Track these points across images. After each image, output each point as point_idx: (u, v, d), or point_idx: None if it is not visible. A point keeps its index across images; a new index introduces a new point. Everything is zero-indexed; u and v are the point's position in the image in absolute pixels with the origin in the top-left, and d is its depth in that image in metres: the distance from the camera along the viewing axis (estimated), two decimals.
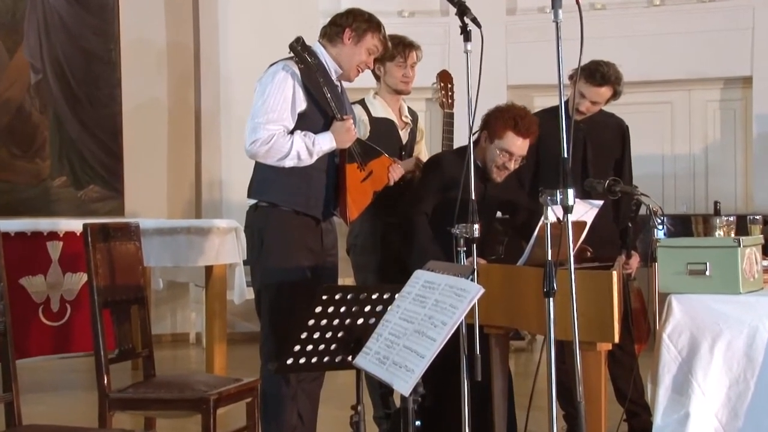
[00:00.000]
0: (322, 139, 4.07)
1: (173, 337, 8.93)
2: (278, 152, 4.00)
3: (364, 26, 4.17)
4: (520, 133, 4.35)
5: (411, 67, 4.96)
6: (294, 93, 4.04)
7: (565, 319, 3.03)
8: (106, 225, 4.14)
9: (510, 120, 4.36)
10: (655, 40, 8.61)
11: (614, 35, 8.24)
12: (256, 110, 4.04)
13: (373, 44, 4.21)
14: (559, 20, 3.00)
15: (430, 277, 2.79)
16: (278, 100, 4.01)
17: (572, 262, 2.99)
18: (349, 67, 4.22)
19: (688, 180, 8.92)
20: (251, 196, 4.17)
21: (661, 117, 8.95)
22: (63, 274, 6.03)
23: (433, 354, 2.53)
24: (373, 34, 4.19)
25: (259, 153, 4.00)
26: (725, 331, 3.62)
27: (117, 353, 4.08)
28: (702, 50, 8.50)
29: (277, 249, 4.07)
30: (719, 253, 3.69)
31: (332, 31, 4.19)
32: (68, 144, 8.39)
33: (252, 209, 4.16)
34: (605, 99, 4.85)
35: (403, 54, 4.91)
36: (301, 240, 4.10)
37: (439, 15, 8.92)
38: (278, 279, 4.05)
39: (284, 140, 4.00)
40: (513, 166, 4.41)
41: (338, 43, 4.17)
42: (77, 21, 8.41)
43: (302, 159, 4.03)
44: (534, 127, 4.38)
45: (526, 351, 8.21)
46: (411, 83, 4.98)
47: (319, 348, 3.07)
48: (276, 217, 4.08)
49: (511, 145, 4.36)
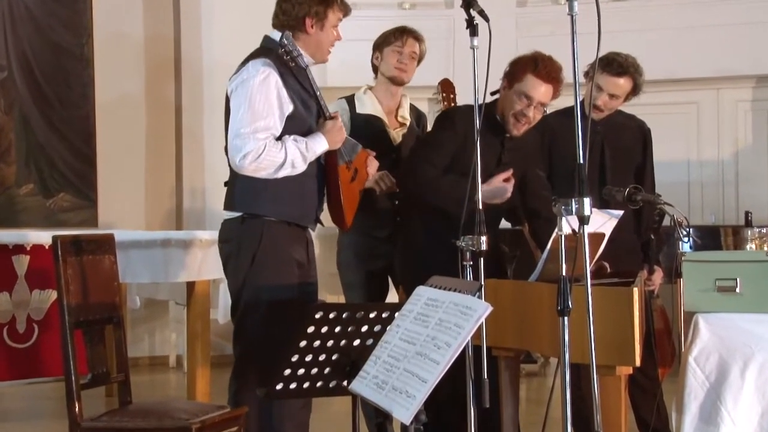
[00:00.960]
0: (313, 142, 4.07)
1: (151, 360, 8.92)
2: (272, 164, 3.96)
3: (321, 6, 4.15)
4: (540, 76, 4.37)
5: (410, 57, 5.01)
6: (279, 95, 4.02)
7: (581, 340, 3.04)
8: (78, 237, 4.15)
9: (530, 62, 4.42)
10: (680, 34, 8.62)
11: (635, 29, 8.26)
12: (240, 119, 3.97)
13: (336, 17, 4.21)
14: (575, 13, 3.02)
15: (434, 294, 2.79)
16: (263, 105, 3.97)
17: (589, 278, 3.00)
18: (322, 53, 4.23)
19: (716, 188, 8.93)
20: (235, 209, 4.13)
21: (686, 118, 8.96)
22: (30, 291, 6.03)
23: (436, 378, 2.53)
24: (332, 8, 4.18)
25: (250, 168, 3.96)
26: (757, 353, 3.63)
27: (90, 378, 4.08)
28: (732, 45, 8.51)
29: (271, 266, 4.06)
30: (751, 268, 3.70)
31: (289, 23, 4.15)
32: (36, 148, 8.40)
33: (237, 221, 4.12)
34: (624, 92, 4.87)
35: (400, 39, 4.99)
36: (292, 254, 4.11)
37: (443, 7, 8.95)
38: (270, 297, 4.05)
39: (276, 149, 3.97)
40: (532, 114, 4.43)
41: (301, 34, 4.14)
42: (46, 12, 8.43)
43: (296, 167, 4.03)
44: (556, 74, 4.39)
45: (539, 375, 8.21)
46: (407, 74, 5.03)
47: (311, 372, 3.08)
48: (269, 231, 4.07)
49: (530, 88, 4.39)
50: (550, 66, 4.39)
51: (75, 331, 3.98)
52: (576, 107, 2.97)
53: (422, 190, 4.57)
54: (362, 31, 8.70)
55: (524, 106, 4.41)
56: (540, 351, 5.16)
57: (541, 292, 3.80)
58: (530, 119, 4.44)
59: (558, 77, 4.40)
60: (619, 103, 4.92)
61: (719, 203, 8.90)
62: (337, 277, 5.01)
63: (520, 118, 4.43)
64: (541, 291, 3.81)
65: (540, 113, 4.47)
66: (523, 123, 4.45)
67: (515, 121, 4.44)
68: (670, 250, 5.07)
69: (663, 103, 8.29)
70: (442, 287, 2.84)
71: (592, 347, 2.95)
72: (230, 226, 4.16)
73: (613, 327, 3.54)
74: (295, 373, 3.06)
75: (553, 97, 4.45)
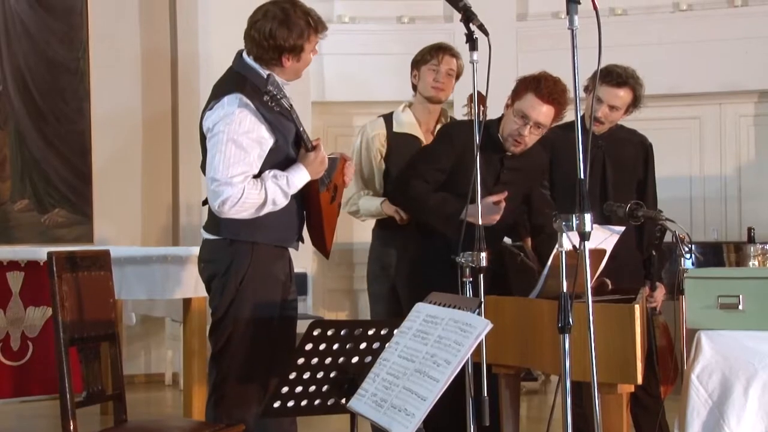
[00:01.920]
0: (294, 176, 4.01)
1: (147, 378, 8.90)
2: (252, 206, 3.94)
3: (299, 42, 4.03)
4: (539, 95, 4.37)
5: (447, 75, 5.07)
6: (257, 134, 3.95)
7: (583, 357, 3.04)
8: (74, 253, 4.15)
9: (534, 81, 4.41)
10: (683, 48, 8.64)
11: (637, 43, 8.27)
12: (216, 166, 3.92)
13: (312, 45, 4.10)
14: (575, 27, 3.02)
15: (433, 310, 2.79)
16: (239, 149, 3.91)
17: (590, 295, 3.00)
18: (296, 77, 4.18)
19: (719, 204, 8.92)
20: (221, 234, 4.10)
21: (689, 133, 8.97)
22: (24, 308, 6.03)
23: (435, 396, 2.53)
24: (309, 39, 4.06)
25: (230, 213, 3.94)
26: (761, 371, 3.63)
27: (85, 396, 4.08)
28: (735, 60, 8.53)
29: (259, 286, 4.06)
30: (754, 284, 3.70)
31: (266, 56, 4.05)
32: (31, 163, 8.40)
33: (224, 243, 4.09)
34: (624, 103, 4.88)
35: (436, 57, 5.05)
36: (277, 275, 4.11)
37: (442, 21, 8.96)
38: (257, 316, 4.05)
39: (256, 191, 3.93)
40: (527, 134, 4.42)
41: (276, 66, 4.06)
42: (41, 27, 8.44)
43: (278, 204, 4.00)
44: (558, 96, 4.39)
45: (540, 393, 8.20)
46: (445, 92, 5.10)
47: (309, 389, 3.08)
48: (256, 253, 4.06)
49: (527, 107, 4.39)
50: (553, 87, 4.38)
51: (70, 348, 3.98)
52: (576, 122, 2.97)
53: (410, 205, 4.62)
54: (361, 45, 8.79)
55: (520, 125, 4.41)
56: (541, 368, 5.16)
57: (541, 309, 3.81)
58: (525, 140, 4.44)
59: (560, 99, 4.39)
60: (619, 115, 4.93)
61: (722, 219, 8.90)
62: (334, 293, 5.05)
63: (516, 137, 4.43)
64: (541, 308, 3.81)
65: (537, 135, 4.46)
66: (519, 143, 4.45)
67: (512, 138, 4.45)
68: (672, 266, 5.07)
69: (665, 117, 8.31)
70: (442, 304, 2.84)
71: (593, 365, 2.94)
72: (215, 246, 4.13)
73: (614, 344, 3.54)
74: (293, 390, 3.06)
75: (554, 119, 4.44)
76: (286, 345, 4.05)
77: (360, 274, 8.89)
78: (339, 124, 9.04)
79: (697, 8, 8.76)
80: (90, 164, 8.58)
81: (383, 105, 8.35)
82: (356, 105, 8.89)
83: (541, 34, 8.77)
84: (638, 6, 8.86)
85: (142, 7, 8.97)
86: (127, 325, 7.62)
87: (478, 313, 2.76)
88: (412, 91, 5.20)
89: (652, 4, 8.84)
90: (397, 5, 8.94)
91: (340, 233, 5.72)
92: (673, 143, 8.36)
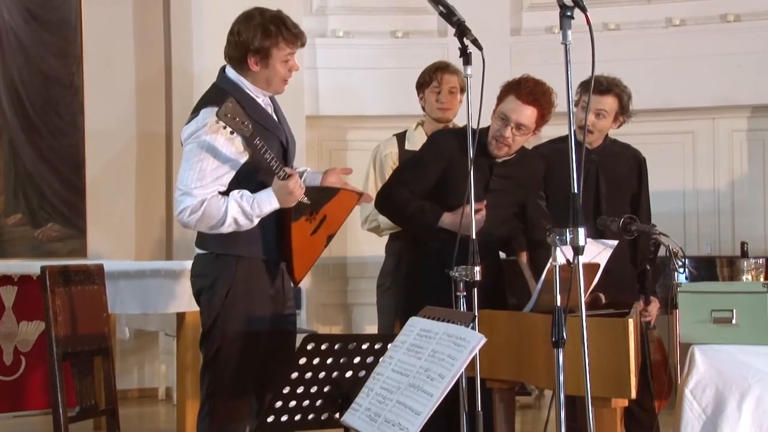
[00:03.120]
0: (261, 199, 3.96)
1: (140, 393, 8.87)
2: (211, 220, 3.92)
3: (265, 44, 3.99)
4: (519, 96, 4.37)
5: (449, 93, 5.12)
6: (228, 148, 3.93)
7: (577, 372, 3.04)
8: (67, 267, 4.15)
9: (514, 83, 4.44)
10: (676, 63, 8.66)
11: (630, 58, 8.28)
12: (181, 176, 3.94)
13: (284, 54, 4.03)
14: (569, 42, 3.03)
15: (427, 324, 2.79)
16: (207, 162, 3.91)
17: (584, 309, 3.00)
18: (274, 87, 4.12)
19: (712, 218, 8.93)
20: (208, 248, 4.10)
21: (682, 148, 8.98)
22: (18, 322, 6.02)
23: (430, 410, 2.53)
24: (278, 45, 4.01)
25: (190, 223, 3.94)
26: (754, 385, 3.63)
27: (78, 411, 4.07)
28: (727, 75, 8.55)
29: (244, 300, 4.05)
30: (747, 299, 3.70)
31: (235, 55, 4.05)
32: (24, 177, 8.39)
33: (211, 257, 4.09)
34: (612, 110, 4.89)
35: (436, 78, 5.11)
36: (266, 288, 4.10)
37: (436, 36, 8.98)
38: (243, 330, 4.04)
39: (217, 207, 3.92)
40: (509, 135, 4.41)
41: (247, 70, 4.05)
42: (36, 41, 8.44)
43: (241, 225, 3.96)
44: (539, 96, 4.38)
45: (534, 407, 8.18)
46: (451, 110, 5.17)
47: (303, 404, 3.07)
48: (242, 267, 4.05)
49: (507, 108, 4.39)
50: (533, 88, 4.38)
51: (63, 362, 3.98)
52: (570, 136, 2.97)
53: (391, 213, 4.64)
54: (355, 59, 8.79)
55: (501, 127, 4.41)
56: (535, 383, 5.16)
57: (535, 323, 3.80)
58: (508, 141, 4.42)
59: (541, 100, 4.38)
60: (608, 123, 4.94)
61: (715, 233, 8.91)
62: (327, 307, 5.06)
63: (499, 139, 4.43)
64: (535, 322, 3.81)
65: (522, 137, 4.44)
66: (501, 144, 4.44)
67: (495, 141, 4.44)
68: (665, 280, 5.07)
69: (659, 132, 8.31)
70: (436, 318, 2.84)
71: (587, 379, 2.94)
72: (204, 261, 4.14)
73: (608, 358, 3.54)
74: (287, 405, 3.06)
75: (539, 120, 4.42)
76: (281, 359, 4.03)
77: (354, 288, 8.89)
78: (333, 138, 9.04)
79: (690, 23, 8.77)
80: (84, 178, 8.57)
81: (377, 119, 8.42)
82: (350, 119, 8.89)
83: (534, 49, 8.79)
84: (631, 21, 8.88)
85: (137, 21, 8.97)
86: (121, 339, 7.60)
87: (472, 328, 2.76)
88: (422, 110, 5.29)
89: (645, 19, 8.86)
90: (391, 20, 8.95)
91: (334, 247, 5.72)
92: (666, 158, 8.37)
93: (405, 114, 5.20)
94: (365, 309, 8.68)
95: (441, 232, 4.39)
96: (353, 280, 8.87)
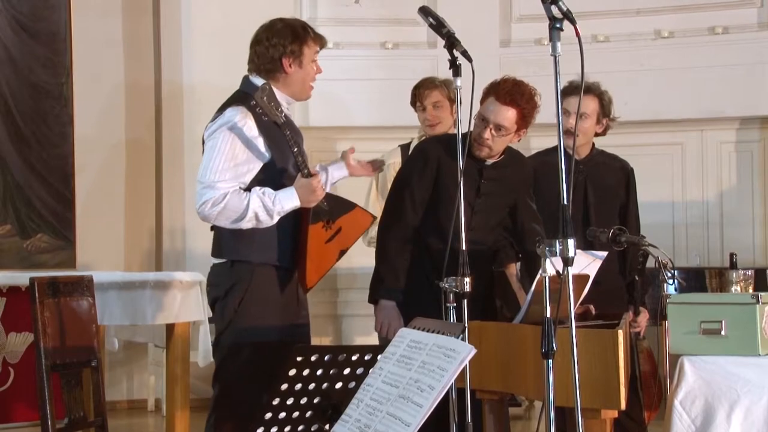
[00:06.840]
0: (284, 197, 4.02)
1: (129, 404, 8.86)
2: (233, 213, 3.96)
3: (296, 44, 4.11)
4: (498, 97, 4.36)
5: (434, 108, 5.18)
6: (253, 144, 3.99)
7: (566, 383, 3.04)
8: (56, 279, 4.14)
9: (493, 85, 4.44)
10: (665, 75, 8.68)
11: (619, 70, 8.30)
12: (204, 168, 4.00)
13: (313, 51, 4.16)
14: (558, 54, 3.04)
15: (417, 336, 2.79)
16: (230, 155, 3.96)
17: (573, 320, 3.00)
18: (305, 89, 4.23)
19: (701, 229, 8.95)
20: (223, 256, 4.14)
21: (671, 159, 9.00)
22: (6, 334, 6.00)
23: (419, 422, 2.53)
24: (307, 43, 4.14)
25: (211, 216, 3.99)
26: (743, 397, 3.64)
27: (66, 423, 4.06)
28: (716, 87, 8.57)
29: (257, 309, 4.07)
30: (736, 310, 3.71)
31: (266, 66, 4.13)
32: (13, 188, 8.37)
33: (226, 266, 4.13)
34: (593, 111, 4.91)
35: (419, 97, 5.21)
36: (279, 298, 4.11)
37: (426, 47, 8.99)
38: (254, 339, 4.05)
39: (239, 200, 3.96)
40: (488, 135, 4.39)
41: (280, 75, 4.13)
42: (24, 52, 8.43)
43: (261, 220, 4.00)
44: (518, 96, 4.36)
45: (523, 419, 8.18)
46: (441, 124, 5.24)
47: (292, 415, 3.06)
48: (257, 275, 4.07)
49: (485, 110, 4.40)
50: (512, 88, 4.38)
51: (52, 374, 3.97)
52: (560, 146, 2.98)
53: (377, 251, 4.60)
54: (344, 70, 8.79)
55: (481, 128, 4.41)
56: (524, 394, 5.16)
57: (525, 334, 3.81)
58: (488, 142, 4.41)
59: (520, 100, 4.36)
60: (591, 125, 4.95)
61: (704, 245, 8.92)
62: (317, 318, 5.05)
63: (478, 140, 4.43)
64: (525, 333, 3.81)
65: (502, 138, 4.43)
66: (482, 146, 4.43)
67: (477, 144, 4.44)
68: (655, 292, 5.08)
69: (647, 144, 8.33)
70: (426, 329, 2.84)
71: (576, 390, 2.95)
72: (219, 270, 4.18)
73: (598, 370, 3.54)
74: (276, 416, 3.05)
75: (520, 122, 4.40)
76: None
77: (343, 300, 8.89)
78: (322, 149, 9.02)
79: (678, 35, 8.80)
80: (73, 189, 8.55)
81: (366, 130, 8.43)
82: (339, 130, 8.89)
83: (524, 61, 8.80)
84: (620, 33, 8.90)
85: (126, 32, 8.97)
86: (110, 350, 7.57)
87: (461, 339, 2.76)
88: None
89: (634, 32, 8.88)
90: (381, 31, 8.96)
91: None
92: (655, 169, 8.38)
93: (394, 125, 5.23)
94: (355, 320, 8.69)
95: (433, 242, 4.41)
96: (343, 292, 8.86)
